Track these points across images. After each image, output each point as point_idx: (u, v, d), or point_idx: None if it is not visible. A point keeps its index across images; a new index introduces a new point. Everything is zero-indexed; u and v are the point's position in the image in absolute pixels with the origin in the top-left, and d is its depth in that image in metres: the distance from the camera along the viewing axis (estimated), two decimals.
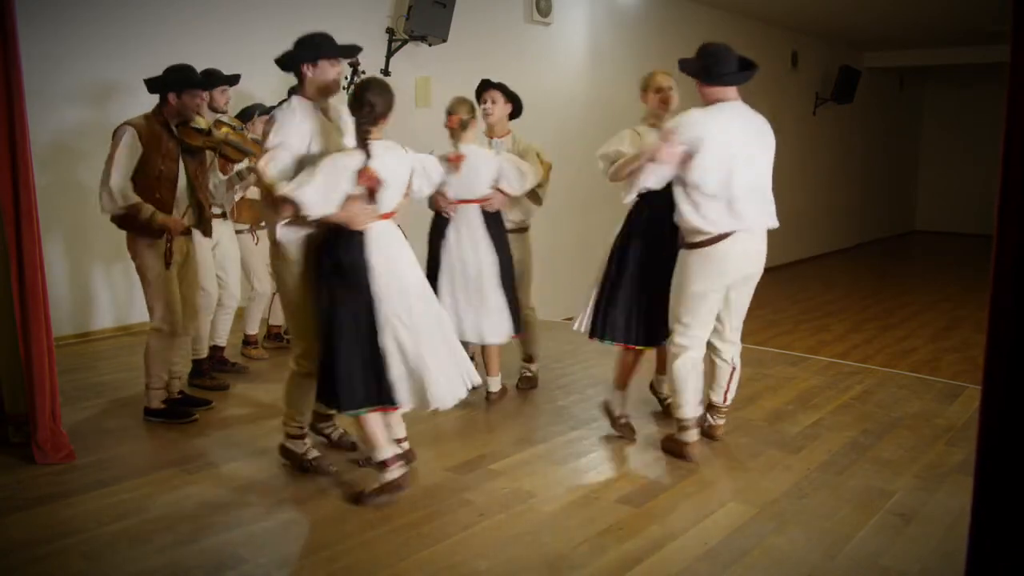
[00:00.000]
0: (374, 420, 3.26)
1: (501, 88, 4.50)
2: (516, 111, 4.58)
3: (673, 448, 3.80)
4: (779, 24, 11.86)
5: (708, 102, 3.57)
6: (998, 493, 1.71)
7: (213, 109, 4.65)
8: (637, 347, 3.98)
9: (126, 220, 3.94)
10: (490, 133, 4.55)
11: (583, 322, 4.09)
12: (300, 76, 3.33)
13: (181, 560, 2.83)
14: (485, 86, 4.52)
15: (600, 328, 3.99)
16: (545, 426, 4.22)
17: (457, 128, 4.24)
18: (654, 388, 4.56)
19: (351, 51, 3.40)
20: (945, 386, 5.09)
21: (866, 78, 14.45)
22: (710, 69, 3.51)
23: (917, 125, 18.10)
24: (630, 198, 3.80)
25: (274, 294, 5.30)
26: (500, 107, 4.48)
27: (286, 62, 3.35)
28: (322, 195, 3.14)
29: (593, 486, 3.51)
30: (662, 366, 4.33)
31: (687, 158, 3.49)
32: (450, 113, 4.25)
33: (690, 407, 3.74)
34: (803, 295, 10.96)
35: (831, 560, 2.90)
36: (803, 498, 3.39)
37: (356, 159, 3.19)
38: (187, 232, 4.11)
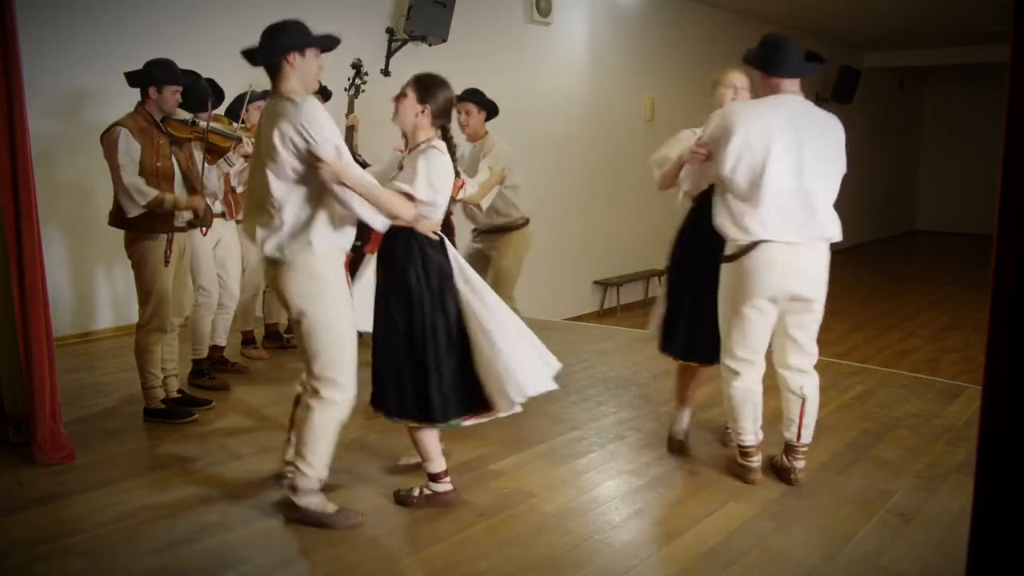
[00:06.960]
0: (431, 433, 3.21)
1: (473, 99, 4.72)
2: (492, 114, 4.82)
3: (738, 472, 3.56)
4: (779, 24, 11.84)
5: (763, 95, 3.29)
6: (998, 493, 1.71)
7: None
8: (692, 364, 3.74)
9: (126, 219, 3.92)
10: (470, 139, 4.79)
11: (656, 336, 3.86)
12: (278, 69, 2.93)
13: (181, 560, 2.83)
14: (457, 99, 4.58)
15: (663, 342, 3.79)
16: (545, 426, 4.21)
17: None
18: None
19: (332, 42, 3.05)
20: (945, 386, 5.09)
21: (866, 78, 14.44)
22: (769, 58, 3.21)
23: (917, 125, 18.08)
24: (684, 204, 3.63)
25: (266, 292, 5.29)
26: (475, 117, 4.74)
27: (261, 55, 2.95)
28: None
29: (593, 486, 3.51)
30: None
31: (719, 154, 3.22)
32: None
33: (748, 434, 3.47)
34: None
35: (831, 560, 2.90)
36: (803, 498, 3.39)
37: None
38: (185, 228, 4.11)
